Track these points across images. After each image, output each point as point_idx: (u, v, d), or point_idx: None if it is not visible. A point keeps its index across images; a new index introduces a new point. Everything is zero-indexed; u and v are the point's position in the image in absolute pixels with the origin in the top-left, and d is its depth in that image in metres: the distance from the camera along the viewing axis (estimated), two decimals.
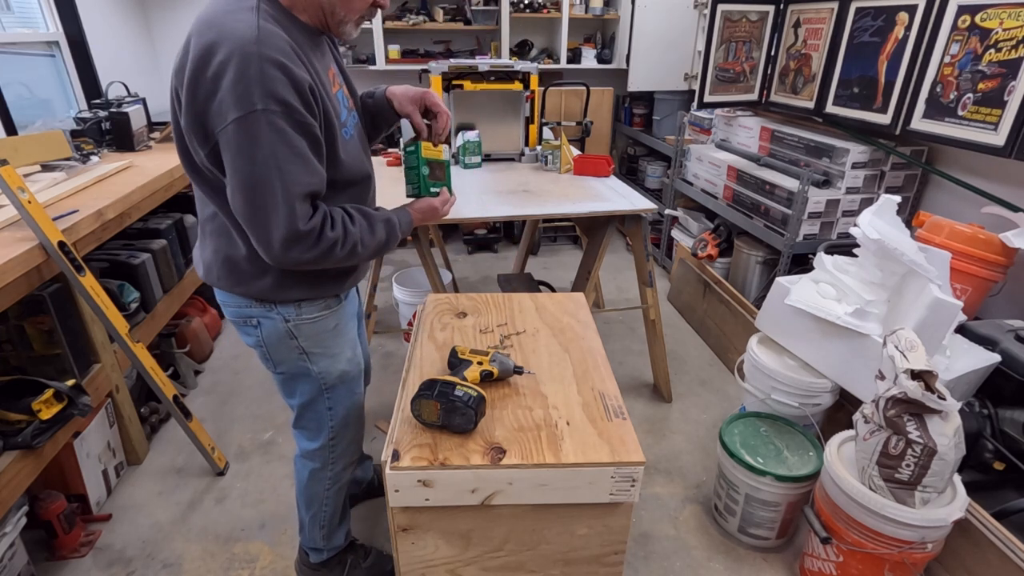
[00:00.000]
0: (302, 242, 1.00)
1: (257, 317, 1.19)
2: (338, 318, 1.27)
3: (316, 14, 1.05)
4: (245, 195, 0.96)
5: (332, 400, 1.32)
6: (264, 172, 0.93)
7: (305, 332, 1.22)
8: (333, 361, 1.28)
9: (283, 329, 1.20)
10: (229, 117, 0.91)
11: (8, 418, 1.52)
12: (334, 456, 1.40)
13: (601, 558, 1.08)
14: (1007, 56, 1.93)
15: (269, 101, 0.91)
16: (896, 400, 1.32)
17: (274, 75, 0.91)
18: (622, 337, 2.95)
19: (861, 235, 1.70)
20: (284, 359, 1.25)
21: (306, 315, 1.21)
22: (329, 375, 1.29)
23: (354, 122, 1.20)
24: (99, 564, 1.68)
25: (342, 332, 1.29)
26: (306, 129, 0.97)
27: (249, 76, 0.90)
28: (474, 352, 1.18)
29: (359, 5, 1.06)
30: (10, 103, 2.44)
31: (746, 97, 3.14)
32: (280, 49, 0.93)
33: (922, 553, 1.37)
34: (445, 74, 2.56)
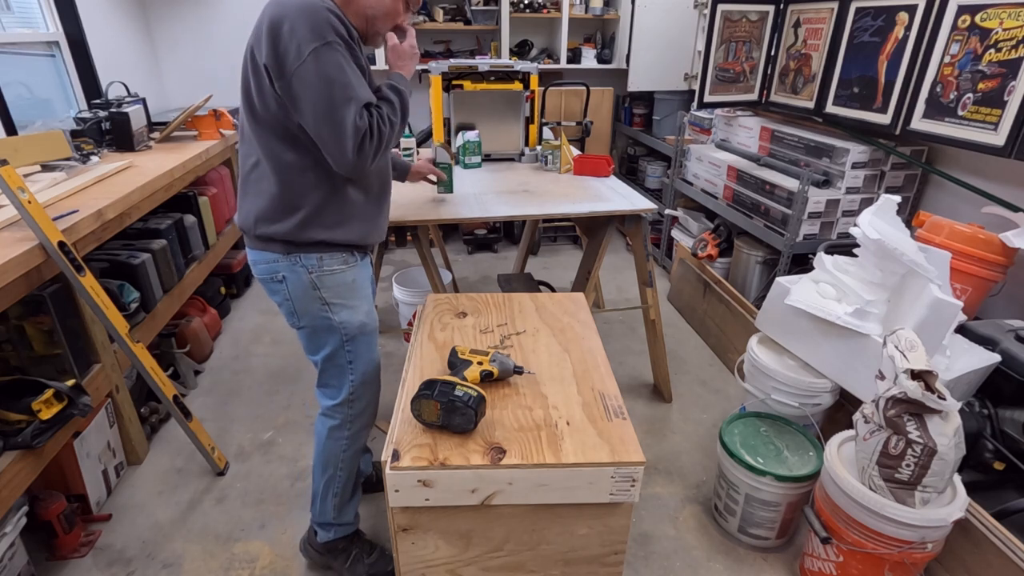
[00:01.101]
0: (367, 138, 1.18)
1: (283, 272, 1.33)
2: (355, 273, 1.40)
3: (361, 22, 1.29)
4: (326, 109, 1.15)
5: (352, 353, 1.43)
6: (341, 90, 1.15)
7: (327, 283, 1.35)
8: (353, 312, 1.40)
9: (307, 280, 1.33)
10: (306, 50, 1.12)
11: (8, 418, 1.52)
12: (352, 414, 1.48)
13: (601, 558, 1.08)
14: (1007, 56, 1.93)
15: (335, 37, 1.15)
16: (896, 400, 1.32)
17: (335, 22, 1.16)
18: (622, 337, 2.95)
19: (861, 235, 1.70)
20: (308, 310, 1.37)
21: (327, 267, 1.34)
22: (350, 325, 1.40)
23: None
24: (99, 564, 1.68)
25: (360, 287, 1.42)
26: (359, 63, 1.22)
27: (318, 20, 1.14)
28: (474, 352, 1.18)
29: (391, 22, 1.32)
30: (10, 103, 2.44)
31: (746, 97, 3.14)
32: (334, 11, 1.18)
33: (922, 553, 1.37)
34: (445, 74, 2.56)
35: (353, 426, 1.50)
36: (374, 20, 1.29)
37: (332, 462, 1.52)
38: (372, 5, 1.27)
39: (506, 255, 4.02)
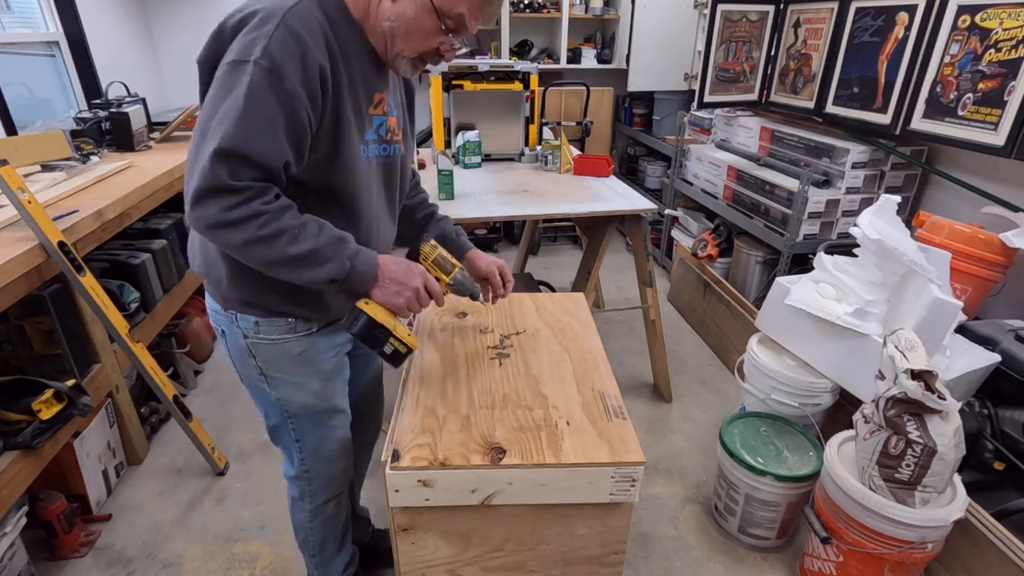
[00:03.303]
0: (220, 196, 0.87)
1: (222, 326, 1.13)
2: (306, 345, 1.14)
3: (379, 41, 1.02)
4: (196, 135, 0.90)
5: (299, 431, 1.23)
6: (222, 117, 0.87)
7: (263, 353, 1.12)
8: (295, 390, 1.17)
9: (242, 345, 1.12)
10: (227, 59, 0.89)
11: (8, 418, 1.52)
12: (312, 489, 1.31)
13: (601, 558, 1.08)
14: (1007, 56, 1.93)
15: (266, 58, 0.87)
16: (896, 400, 1.32)
17: (286, 40, 0.88)
18: (622, 337, 2.95)
19: (861, 235, 1.70)
20: (245, 376, 1.18)
21: (264, 335, 1.10)
22: (290, 404, 1.19)
23: (384, 154, 1.12)
24: (99, 564, 1.68)
25: (311, 362, 1.16)
26: (290, 104, 0.89)
27: (262, 31, 0.89)
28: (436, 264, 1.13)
29: (418, 44, 1.00)
30: (10, 103, 2.44)
31: (746, 97, 3.14)
32: (307, 26, 0.91)
33: (922, 553, 1.37)
34: (445, 74, 2.56)
35: (315, 499, 1.32)
36: (394, 39, 0.99)
37: (301, 529, 1.38)
38: (391, 16, 0.98)
39: (506, 255, 4.02)
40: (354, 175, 1.03)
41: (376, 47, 1.03)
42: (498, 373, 1.19)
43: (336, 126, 0.98)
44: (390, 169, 1.15)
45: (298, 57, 0.89)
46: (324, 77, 0.93)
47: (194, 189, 0.87)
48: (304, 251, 0.93)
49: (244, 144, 0.86)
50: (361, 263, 0.99)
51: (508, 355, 1.25)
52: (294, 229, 0.92)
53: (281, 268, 0.94)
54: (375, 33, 1.01)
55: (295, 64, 0.89)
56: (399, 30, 0.98)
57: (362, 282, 1.00)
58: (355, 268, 0.98)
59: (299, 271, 0.94)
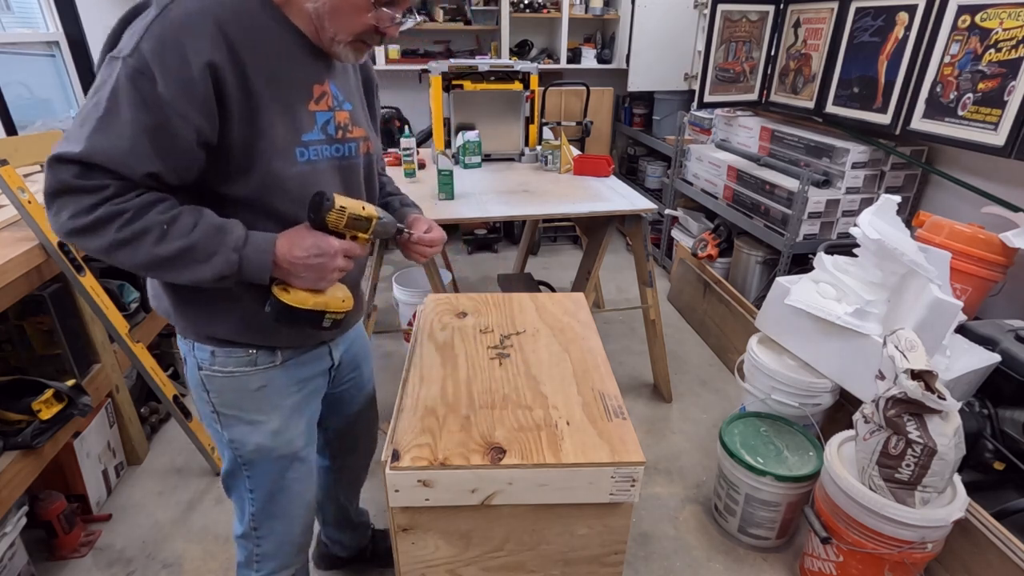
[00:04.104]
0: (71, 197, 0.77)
1: (184, 354, 1.03)
2: (267, 379, 1.02)
3: (308, 25, 0.90)
4: None
5: (253, 480, 1.10)
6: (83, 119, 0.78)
7: (216, 386, 1.01)
8: (250, 430, 1.04)
9: (197, 377, 1.01)
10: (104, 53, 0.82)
11: (8, 418, 1.52)
12: (260, 554, 1.16)
13: (601, 558, 1.08)
14: (1007, 56, 1.93)
15: (135, 56, 0.77)
16: (896, 400, 1.32)
17: (163, 36, 0.78)
18: (622, 337, 2.95)
19: (861, 235, 1.70)
20: (202, 412, 1.07)
21: (220, 367, 0.99)
22: (243, 446, 1.05)
23: (339, 155, 0.99)
24: (99, 564, 1.68)
25: (270, 398, 1.04)
26: (159, 110, 0.78)
27: (141, 25, 0.79)
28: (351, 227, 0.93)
29: (349, 23, 0.88)
30: (10, 103, 2.44)
31: (746, 97, 3.14)
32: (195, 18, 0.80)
33: (922, 553, 1.37)
34: (445, 74, 2.56)
35: (262, 567, 1.17)
36: (322, 21, 0.89)
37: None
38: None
39: (506, 255, 4.02)
40: (290, 185, 0.91)
41: (307, 33, 0.91)
42: (498, 373, 1.19)
43: (252, 132, 0.86)
44: (349, 172, 1.02)
45: (176, 55, 0.78)
46: (219, 78, 0.81)
47: (45, 191, 0.79)
48: (176, 250, 0.81)
49: (97, 153, 0.76)
50: (253, 252, 0.86)
51: (508, 355, 1.25)
52: (162, 225, 0.80)
53: (156, 272, 0.84)
54: (301, 17, 0.90)
55: (172, 63, 0.78)
56: (324, 10, 0.87)
57: (260, 273, 0.87)
58: (246, 260, 0.85)
59: (177, 272, 0.83)
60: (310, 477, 1.17)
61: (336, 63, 0.99)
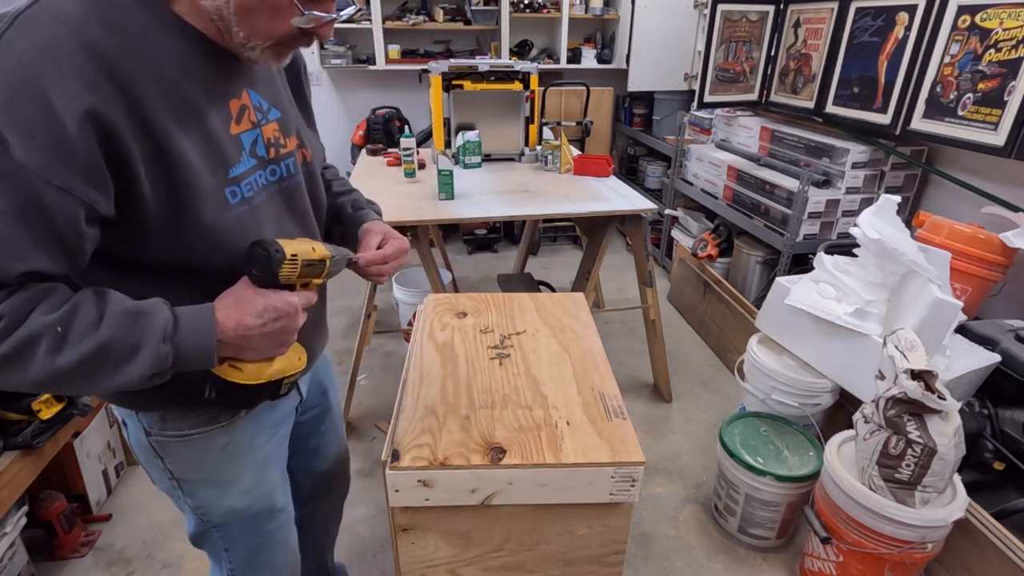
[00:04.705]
0: None
1: (122, 416, 0.86)
2: (231, 434, 0.87)
3: (209, 25, 0.68)
4: None
5: (227, 539, 0.97)
6: None
7: (172, 453, 0.85)
8: (219, 493, 0.91)
9: (145, 443, 0.85)
10: None
11: (8, 418, 1.52)
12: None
13: (601, 558, 1.08)
14: (1007, 56, 1.93)
15: None
16: (896, 400, 1.32)
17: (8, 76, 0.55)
18: (622, 337, 2.95)
19: (861, 235, 1.70)
20: (157, 479, 0.91)
21: (173, 431, 0.83)
22: (212, 511, 0.92)
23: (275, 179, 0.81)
24: (99, 564, 1.68)
25: (239, 455, 0.90)
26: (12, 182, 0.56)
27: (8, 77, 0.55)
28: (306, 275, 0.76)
29: (265, 27, 0.68)
30: None
31: (746, 97, 3.14)
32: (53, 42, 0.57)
33: (922, 553, 1.37)
34: (445, 74, 2.56)
35: None
36: (227, 23, 0.67)
37: None
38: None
39: (506, 255, 4.02)
40: (225, 237, 0.72)
41: (208, 34, 0.69)
42: (498, 373, 1.20)
43: (166, 188, 0.66)
44: (291, 194, 0.84)
45: (32, 103, 0.55)
46: (107, 125, 0.59)
47: None
48: (83, 355, 0.60)
49: None
50: (189, 335, 0.66)
51: (508, 355, 1.25)
52: (55, 327, 0.59)
53: (62, 387, 0.63)
54: (197, 16, 0.68)
55: (27, 116, 0.55)
56: (228, 10, 0.66)
57: (202, 361, 0.68)
58: (182, 347, 0.66)
59: (93, 383, 0.63)
60: (291, 522, 1.06)
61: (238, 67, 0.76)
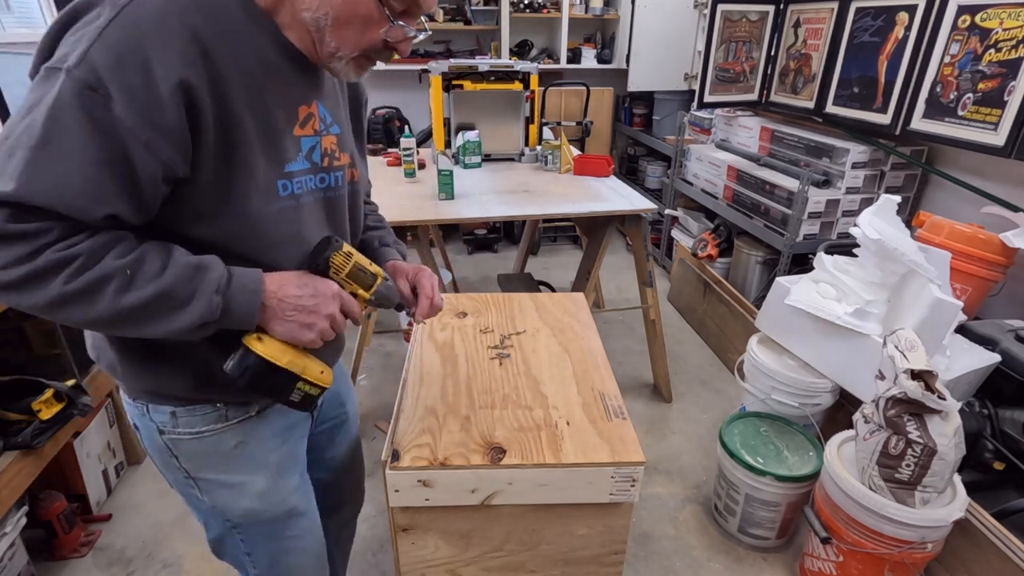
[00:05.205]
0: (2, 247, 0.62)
1: (134, 419, 0.88)
2: (243, 435, 0.89)
3: (303, 36, 0.76)
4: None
5: (249, 543, 0.98)
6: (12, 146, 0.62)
7: (186, 451, 0.88)
8: (234, 494, 0.92)
9: (160, 443, 0.87)
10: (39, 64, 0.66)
11: (8, 418, 1.52)
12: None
13: (601, 558, 1.08)
14: (1007, 56, 1.93)
15: (83, 67, 0.61)
16: (896, 400, 1.32)
17: (119, 43, 0.62)
18: (622, 337, 2.95)
19: (861, 235, 1.70)
20: (174, 480, 0.93)
21: (186, 428, 0.85)
22: (230, 511, 0.94)
23: (323, 187, 0.86)
24: (99, 564, 1.68)
25: (251, 456, 0.91)
26: (114, 135, 0.63)
27: (89, 29, 0.63)
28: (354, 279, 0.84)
29: (356, 38, 0.75)
30: (10, 103, 2.44)
31: (746, 97, 3.14)
32: (159, 23, 0.64)
33: (922, 553, 1.37)
34: (445, 74, 2.56)
35: None
36: (322, 34, 0.74)
37: None
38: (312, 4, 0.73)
39: (506, 255, 4.02)
40: (269, 226, 0.77)
41: (299, 45, 0.77)
42: (498, 373, 1.20)
43: (229, 166, 0.72)
44: (333, 205, 0.89)
45: (138, 68, 0.62)
46: (193, 97, 0.66)
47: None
48: (146, 298, 0.66)
49: (36, 193, 0.61)
50: (239, 292, 0.72)
51: (508, 355, 1.25)
52: (124, 270, 0.65)
53: (120, 326, 0.68)
54: (294, 28, 0.75)
55: (131, 77, 0.62)
56: (326, 22, 0.73)
57: (245, 319, 0.73)
58: (231, 302, 0.71)
59: (146, 325, 0.68)
60: (315, 529, 1.05)
61: (325, 80, 0.86)
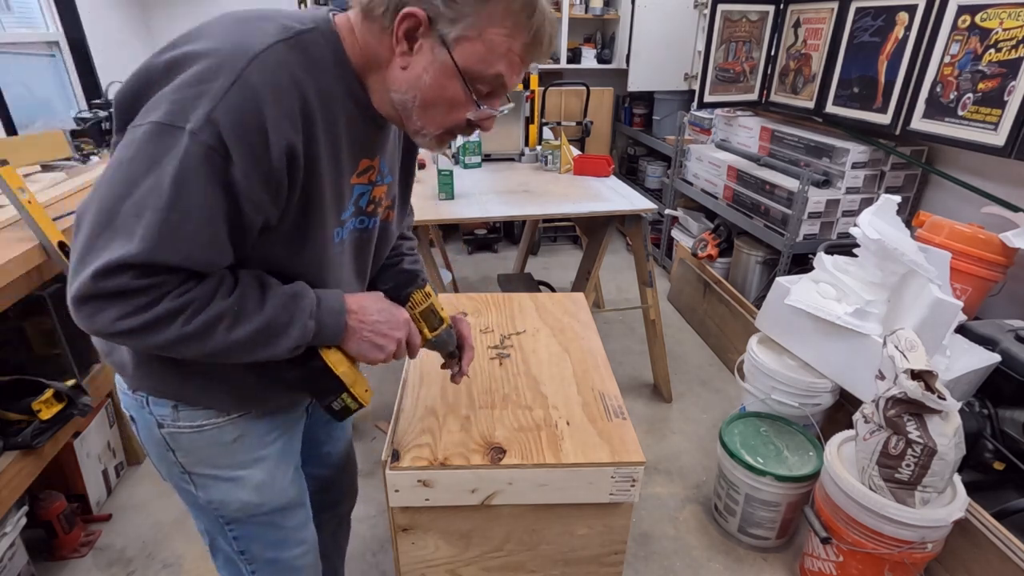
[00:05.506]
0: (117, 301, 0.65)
1: (131, 411, 0.89)
2: (243, 429, 0.89)
3: (388, 108, 0.78)
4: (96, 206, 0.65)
5: (242, 540, 0.97)
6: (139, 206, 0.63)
7: (185, 444, 0.87)
8: (232, 488, 0.91)
9: (157, 436, 0.87)
10: (153, 115, 0.64)
11: (8, 418, 1.52)
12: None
13: (601, 558, 1.08)
14: (1007, 56, 1.93)
15: (209, 131, 0.62)
16: (896, 400, 1.32)
17: (243, 107, 0.64)
18: (622, 337, 2.95)
19: (861, 235, 1.70)
20: (168, 474, 0.93)
21: (186, 422, 0.85)
22: (226, 506, 0.93)
23: (360, 227, 0.89)
24: (99, 564, 1.68)
25: (249, 449, 0.91)
26: (233, 195, 0.66)
27: (209, 88, 0.63)
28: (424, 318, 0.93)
29: (442, 119, 0.77)
30: (10, 103, 2.44)
31: (746, 97, 3.14)
32: (277, 87, 0.66)
33: (922, 553, 1.37)
34: None
35: None
36: (408, 113, 0.77)
37: None
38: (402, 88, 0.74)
39: (506, 255, 4.02)
40: (321, 263, 0.82)
41: (380, 111, 0.79)
42: (498, 373, 1.20)
43: (304, 215, 0.75)
44: (363, 243, 0.92)
45: (257, 132, 0.65)
46: (294, 157, 0.69)
47: (76, 293, 0.64)
48: (252, 332, 0.72)
49: (163, 254, 0.64)
50: (327, 315, 0.78)
51: (508, 355, 1.25)
52: (232, 308, 0.70)
53: (230, 356, 0.73)
54: (381, 96, 0.78)
55: (251, 141, 0.65)
56: (414, 104, 0.75)
57: (332, 338, 0.80)
58: (322, 325, 0.77)
59: (252, 353, 0.74)
60: (310, 520, 1.06)
61: (392, 133, 0.89)
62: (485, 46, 0.72)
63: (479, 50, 0.72)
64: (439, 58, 0.72)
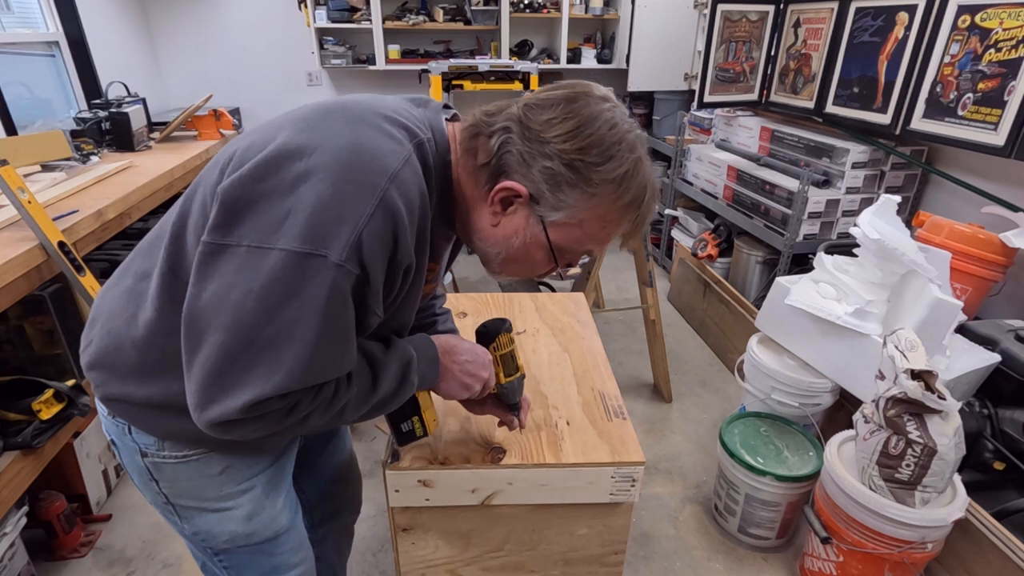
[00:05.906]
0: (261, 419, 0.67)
1: (112, 435, 0.84)
2: (229, 459, 0.84)
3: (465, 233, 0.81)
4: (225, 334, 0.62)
5: (233, 569, 0.93)
6: (284, 334, 0.62)
7: (168, 475, 0.82)
8: (219, 520, 0.86)
9: (140, 465, 0.82)
10: (279, 243, 0.61)
11: (8, 418, 1.52)
12: None
13: (601, 558, 1.08)
14: (1007, 56, 1.93)
15: (354, 261, 0.62)
16: (896, 400, 1.32)
17: (383, 232, 0.63)
18: (622, 337, 2.95)
19: (861, 235, 1.70)
20: (152, 502, 0.88)
21: (171, 451, 0.80)
22: (213, 538, 0.88)
23: None
24: (99, 564, 1.68)
25: (238, 479, 0.86)
26: (362, 310, 0.68)
27: (352, 213, 0.61)
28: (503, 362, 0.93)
29: (518, 272, 0.81)
30: (10, 103, 2.44)
31: (746, 97, 3.14)
32: (411, 203, 0.66)
33: (922, 553, 1.37)
34: (445, 74, 2.57)
35: None
36: (489, 260, 0.80)
37: None
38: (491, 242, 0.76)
39: None
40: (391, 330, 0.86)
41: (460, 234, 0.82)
42: None
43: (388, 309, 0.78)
44: None
45: (393, 253, 0.66)
46: (408, 271, 0.71)
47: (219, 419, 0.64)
48: (374, 404, 0.77)
49: (311, 381, 0.66)
50: (426, 366, 0.82)
51: None
52: (353, 396, 0.74)
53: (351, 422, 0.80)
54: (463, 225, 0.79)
55: (386, 260, 0.66)
56: (498, 257, 0.78)
57: (431, 382, 0.85)
58: (423, 378, 0.83)
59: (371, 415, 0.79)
60: (304, 541, 1.01)
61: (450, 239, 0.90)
62: (583, 232, 0.72)
63: (576, 235, 0.72)
64: (532, 229, 0.72)
